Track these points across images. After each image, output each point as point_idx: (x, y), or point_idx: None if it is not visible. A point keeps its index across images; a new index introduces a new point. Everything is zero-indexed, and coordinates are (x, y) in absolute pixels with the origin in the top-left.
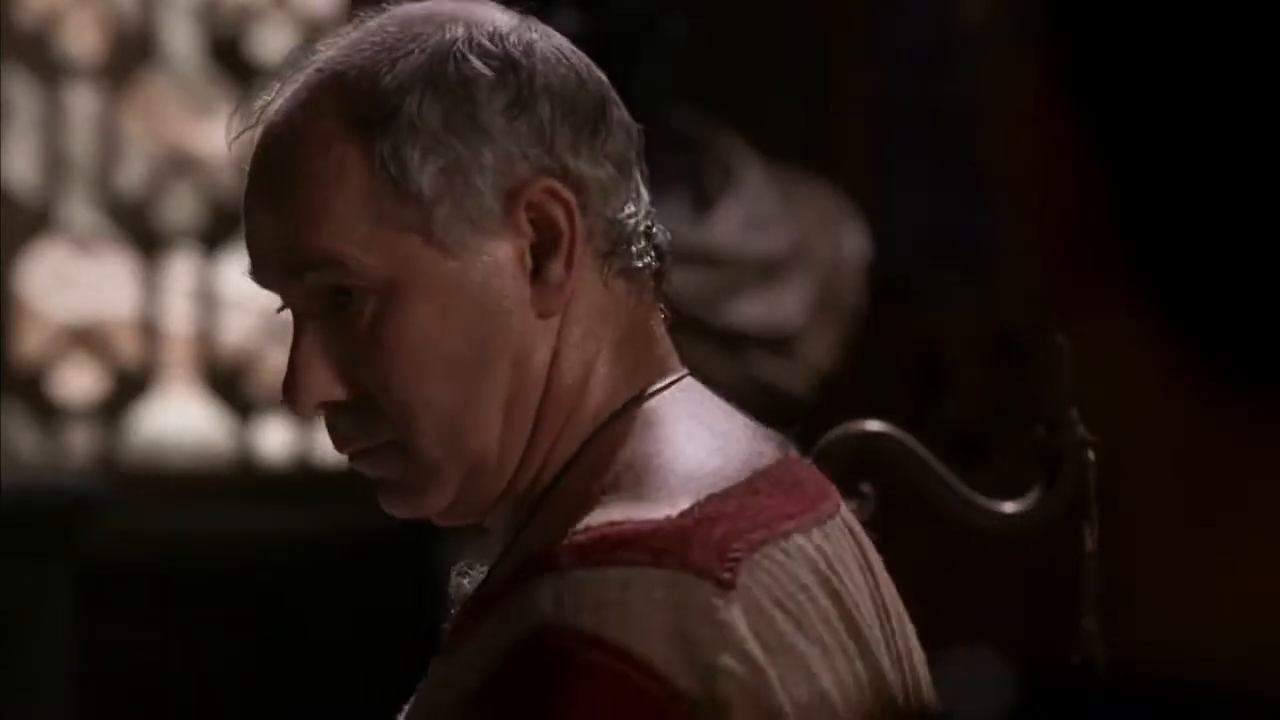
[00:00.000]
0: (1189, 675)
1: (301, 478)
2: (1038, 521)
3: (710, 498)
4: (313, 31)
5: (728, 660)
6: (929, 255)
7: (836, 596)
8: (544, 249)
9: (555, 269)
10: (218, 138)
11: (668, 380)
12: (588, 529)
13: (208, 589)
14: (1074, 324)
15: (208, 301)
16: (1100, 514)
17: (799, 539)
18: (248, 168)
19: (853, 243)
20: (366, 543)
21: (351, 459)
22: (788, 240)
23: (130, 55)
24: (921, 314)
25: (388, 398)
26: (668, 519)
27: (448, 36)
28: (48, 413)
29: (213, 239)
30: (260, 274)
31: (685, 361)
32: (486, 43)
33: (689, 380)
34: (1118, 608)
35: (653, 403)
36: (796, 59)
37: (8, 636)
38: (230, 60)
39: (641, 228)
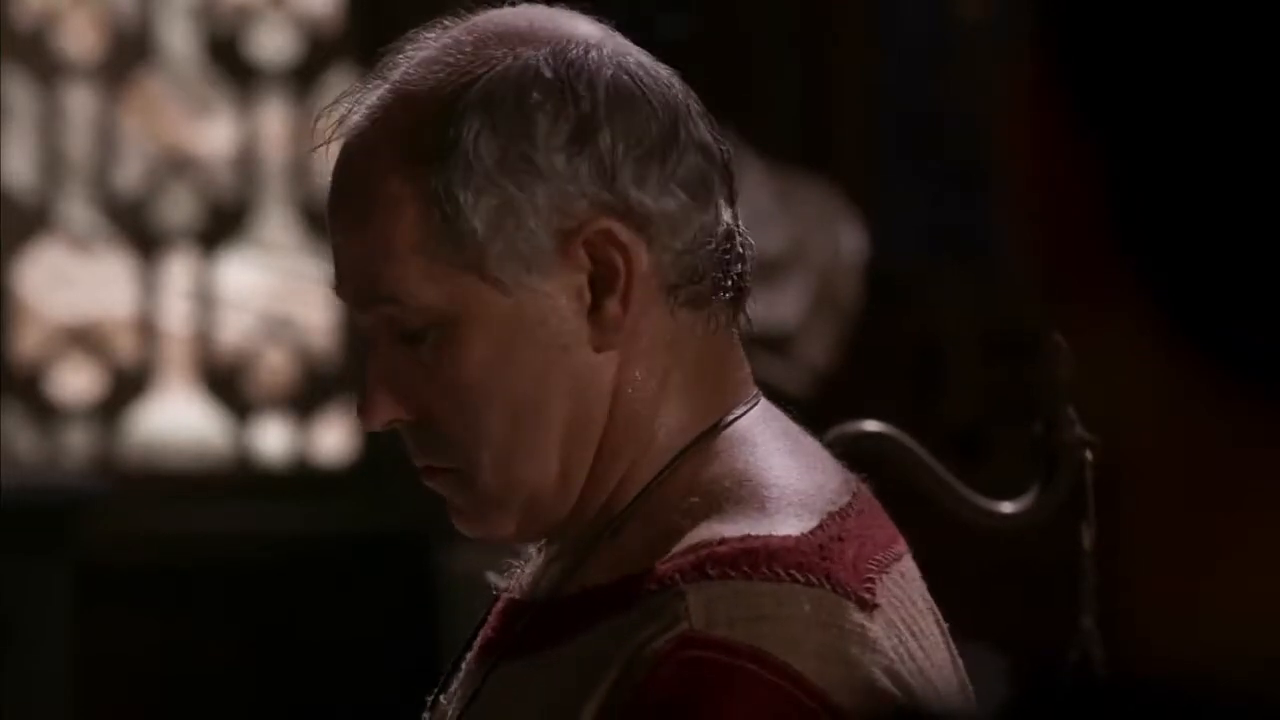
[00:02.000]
0: (1187, 674)
1: (299, 477)
2: (1035, 520)
3: (831, 516)
4: (311, 31)
5: (881, 678)
6: (927, 254)
7: (939, 622)
8: (603, 285)
9: (611, 307)
10: (215, 137)
11: (747, 403)
12: (722, 540)
13: (205, 588)
14: (1072, 322)
15: (205, 301)
16: (1098, 512)
17: (908, 560)
18: (330, 180)
19: (850, 241)
20: (364, 543)
21: (423, 473)
22: (785, 239)
23: (128, 55)
24: (919, 312)
25: (447, 429)
26: (802, 536)
27: (514, 64)
28: (45, 412)
29: (210, 238)
30: (340, 290)
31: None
32: (549, 73)
33: (765, 402)
34: (1115, 606)
35: (741, 423)
36: (796, 59)
37: (5, 635)
38: (228, 60)
39: (720, 252)
